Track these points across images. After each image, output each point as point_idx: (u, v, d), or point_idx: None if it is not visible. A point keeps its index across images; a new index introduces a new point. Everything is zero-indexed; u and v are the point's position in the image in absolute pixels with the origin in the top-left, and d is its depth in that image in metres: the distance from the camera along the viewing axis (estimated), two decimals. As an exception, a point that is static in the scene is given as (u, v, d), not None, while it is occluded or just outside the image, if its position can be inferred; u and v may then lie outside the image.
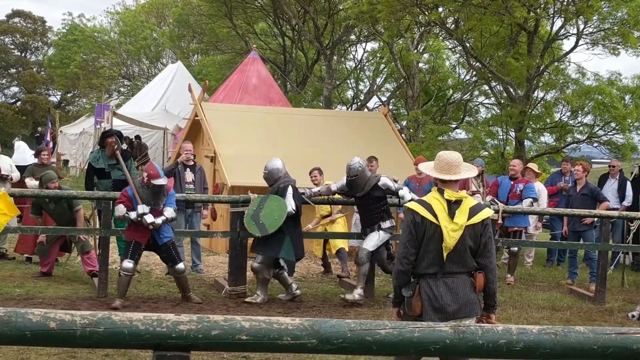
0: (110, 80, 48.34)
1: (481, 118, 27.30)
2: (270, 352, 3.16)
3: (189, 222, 13.29)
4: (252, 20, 33.81)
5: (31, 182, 13.78)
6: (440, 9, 18.13)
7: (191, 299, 11.05)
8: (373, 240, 11.27)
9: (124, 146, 22.14)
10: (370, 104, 31.32)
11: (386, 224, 11.31)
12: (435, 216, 5.98)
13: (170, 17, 39.32)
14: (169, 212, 10.71)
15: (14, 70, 62.03)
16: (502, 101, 22.82)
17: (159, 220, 10.51)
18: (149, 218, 10.41)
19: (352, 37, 32.23)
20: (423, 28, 24.40)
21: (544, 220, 17.23)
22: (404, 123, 23.19)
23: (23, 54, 63.20)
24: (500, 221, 12.38)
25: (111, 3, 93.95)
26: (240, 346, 3.08)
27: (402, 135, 22.98)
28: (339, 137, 16.31)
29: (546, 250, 16.57)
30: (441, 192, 6.08)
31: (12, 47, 62.96)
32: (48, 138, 21.91)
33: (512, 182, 13.98)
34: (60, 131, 33.53)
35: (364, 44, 33.67)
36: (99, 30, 50.05)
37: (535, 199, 13.76)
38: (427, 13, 17.26)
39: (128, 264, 10.59)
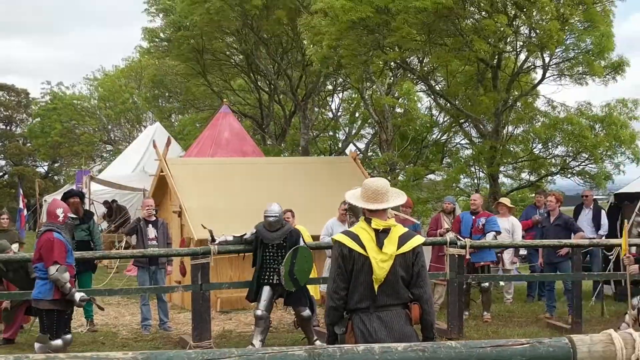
0: (91, 146, 48.25)
1: (461, 158, 27.16)
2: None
3: (154, 279, 13.01)
4: (228, 77, 33.78)
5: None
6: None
7: None
8: None
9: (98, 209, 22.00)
10: (348, 152, 31.06)
11: None
12: (363, 247, 5.70)
13: (145, 78, 39.33)
14: None
15: (0, 144, 61.85)
16: (473, 139, 22.67)
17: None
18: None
19: (329, 87, 32.21)
20: (393, 72, 24.38)
21: (522, 255, 17.01)
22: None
23: (8, 127, 63.01)
24: (468, 257, 12.09)
25: (91, 70, 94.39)
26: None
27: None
28: (309, 183, 16.11)
29: (526, 286, 16.26)
30: (368, 221, 5.81)
31: (-3, 120, 62.88)
32: (21, 205, 21.79)
33: (473, 217, 13.78)
34: (45, 200, 33.27)
35: (340, 93, 33.71)
36: (79, 98, 50.13)
37: (499, 232, 13.50)
38: (387, 54, 17.18)
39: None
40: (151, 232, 13.08)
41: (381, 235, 5.73)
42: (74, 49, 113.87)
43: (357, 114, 32.56)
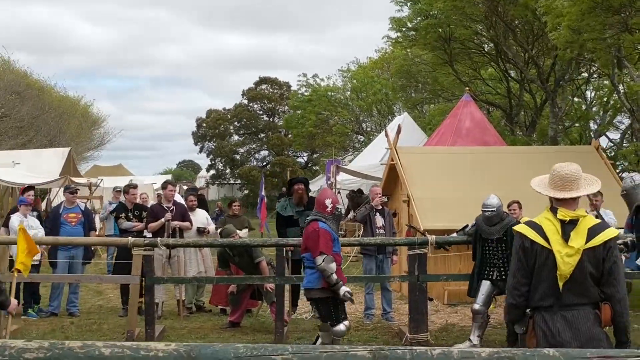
0: (343, 137, 49.26)
1: None
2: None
3: (380, 268, 12.88)
4: (478, 66, 33.13)
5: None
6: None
7: None
8: None
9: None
10: (603, 143, 29.32)
11: None
12: (547, 239, 5.17)
13: (393, 68, 39.46)
14: None
15: (263, 135, 64.88)
16: None
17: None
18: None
19: (584, 74, 30.68)
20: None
21: None
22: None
23: (271, 119, 66.01)
24: None
25: (345, 62, 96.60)
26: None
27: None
28: (543, 173, 15.24)
29: None
30: (554, 211, 5.26)
31: (261, 112, 66.02)
32: (262, 193, 22.57)
33: None
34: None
35: (597, 81, 32.00)
36: (333, 89, 51.37)
37: None
38: (633, 35, 15.88)
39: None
40: (379, 220, 12.97)
41: (567, 227, 5.16)
42: (329, 42, 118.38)
43: (610, 103, 30.74)
